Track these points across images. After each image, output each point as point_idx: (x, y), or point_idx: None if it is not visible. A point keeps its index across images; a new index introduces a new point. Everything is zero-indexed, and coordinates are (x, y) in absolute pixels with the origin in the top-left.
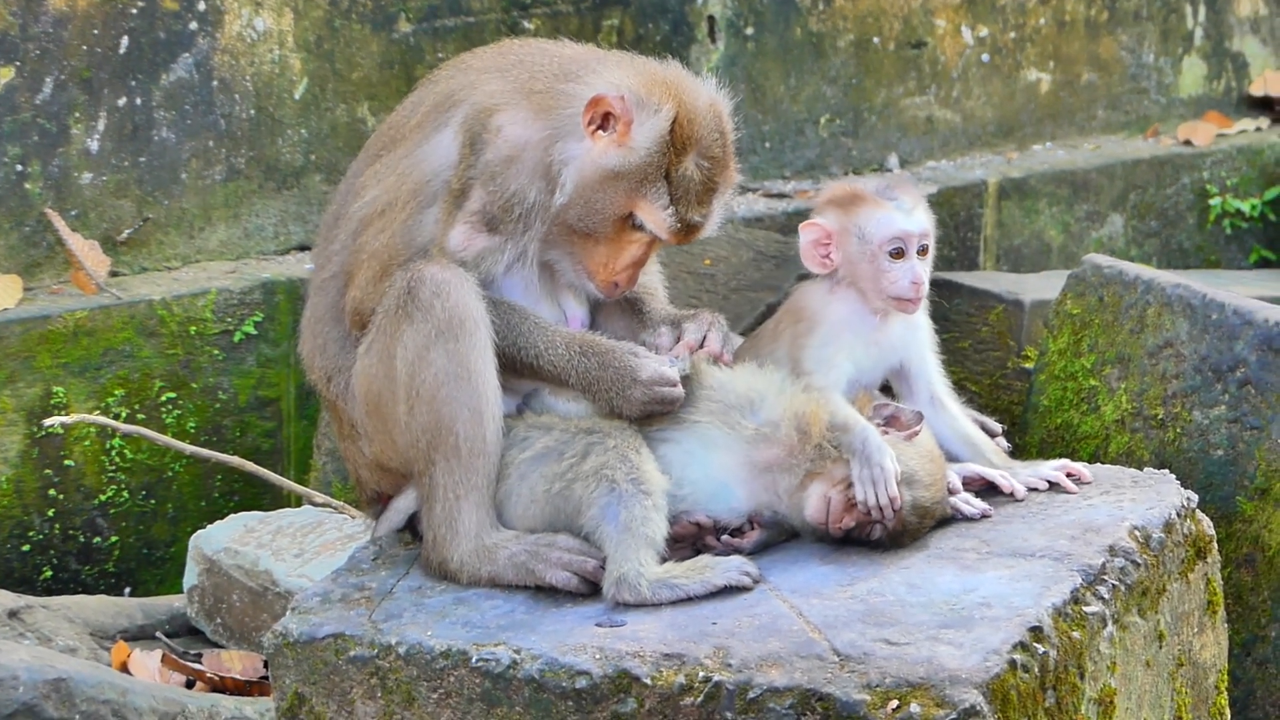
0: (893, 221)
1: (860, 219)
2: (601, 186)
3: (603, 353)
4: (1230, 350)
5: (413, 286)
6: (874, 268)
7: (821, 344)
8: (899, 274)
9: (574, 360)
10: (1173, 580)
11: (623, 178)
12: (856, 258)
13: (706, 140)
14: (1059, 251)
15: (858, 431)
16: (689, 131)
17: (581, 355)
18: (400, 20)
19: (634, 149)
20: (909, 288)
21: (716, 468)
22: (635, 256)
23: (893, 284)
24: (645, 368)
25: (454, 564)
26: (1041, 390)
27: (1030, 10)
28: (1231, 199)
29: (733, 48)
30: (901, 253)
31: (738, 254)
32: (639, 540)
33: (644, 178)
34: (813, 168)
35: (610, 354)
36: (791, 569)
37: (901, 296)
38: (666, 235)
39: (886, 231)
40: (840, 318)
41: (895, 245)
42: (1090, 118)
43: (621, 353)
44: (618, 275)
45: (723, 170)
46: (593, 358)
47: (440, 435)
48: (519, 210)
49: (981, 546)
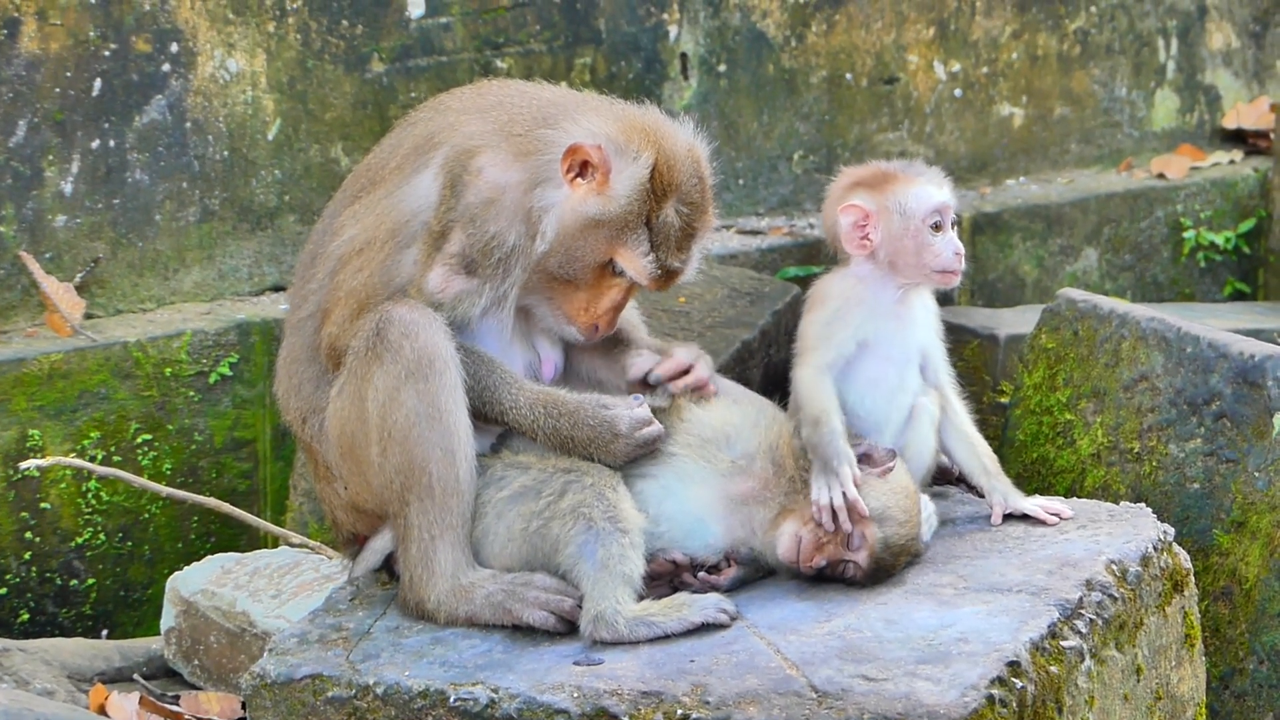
0: (931, 195)
1: (898, 196)
2: (582, 234)
3: (571, 411)
4: (1205, 383)
5: (381, 328)
6: (916, 242)
7: (827, 320)
8: (941, 246)
9: (541, 420)
10: (1150, 614)
11: (603, 226)
12: (898, 234)
13: (686, 186)
14: (1033, 286)
15: (824, 432)
16: (668, 178)
17: (549, 415)
18: (373, 60)
19: (613, 197)
20: (953, 258)
21: (693, 502)
22: (615, 301)
23: (936, 256)
24: (622, 419)
25: (431, 604)
26: (1017, 425)
27: (1002, 45)
28: (1205, 232)
29: (705, 85)
30: (940, 225)
31: (712, 291)
32: (616, 578)
33: (624, 225)
34: (786, 204)
35: (580, 412)
36: (769, 605)
37: (947, 268)
38: (647, 281)
39: (927, 205)
40: (853, 295)
41: (936, 218)
42: (1063, 152)
43: (592, 408)
44: (598, 319)
45: (702, 215)
46: (562, 418)
47: (413, 476)
48: (499, 254)
49: (958, 582)
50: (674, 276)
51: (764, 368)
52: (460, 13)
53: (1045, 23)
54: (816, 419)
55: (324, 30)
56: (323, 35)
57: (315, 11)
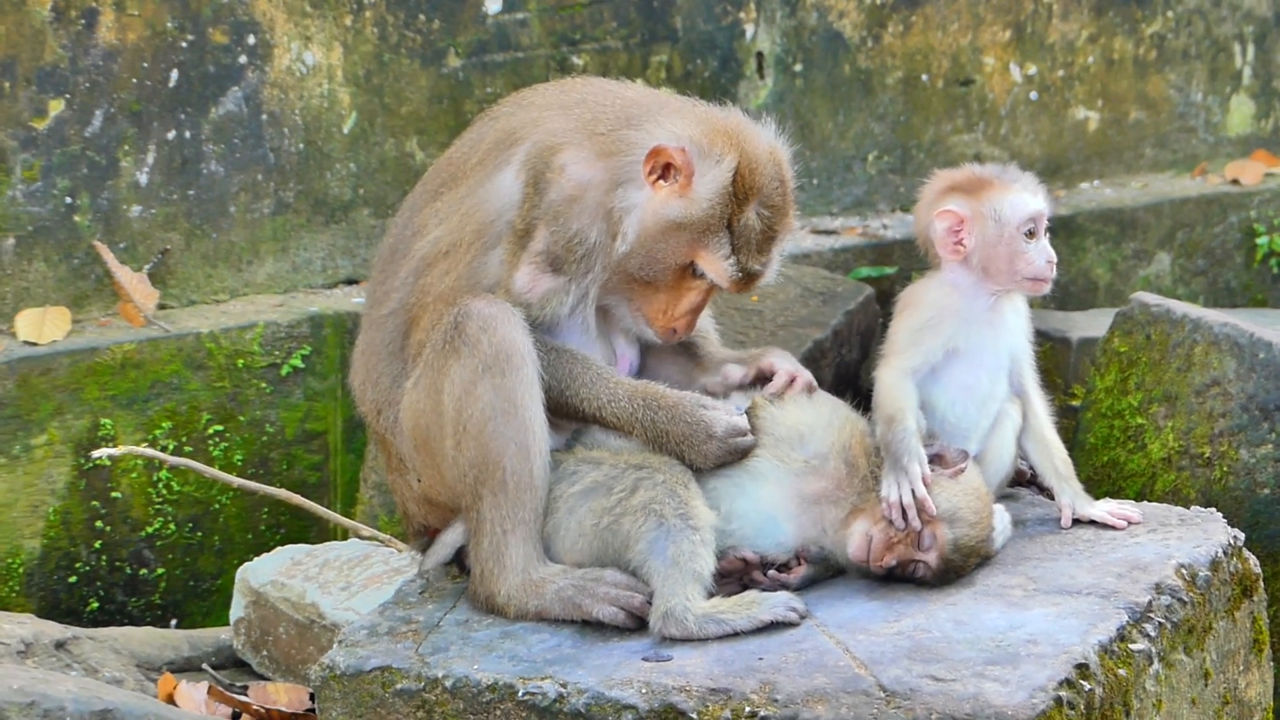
0: (1026, 202)
1: (993, 202)
2: (663, 236)
3: (670, 406)
4: (1278, 389)
5: (460, 322)
6: (1010, 249)
7: (917, 326)
8: (1035, 254)
9: (639, 413)
10: (1219, 618)
11: (685, 228)
12: (992, 241)
13: (768, 189)
14: (1106, 290)
15: (898, 430)
16: (750, 181)
17: (647, 408)
18: (449, 55)
19: (696, 200)
20: (1045, 266)
21: (765, 501)
22: (694, 303)
23: (1029, 264)
24: (719, 421)
25: (501, 598)
26: (1088, 428)
27: (1079, 49)
28: (1279, 238)
29: (781, 84)
30: (1034, 233)
31: (785, 290)
32: (686, 575)
33: (706, 228)
34: (860, 205)
35: (679, 408)
36: (838, 605)
37: (1039, 276)
38: (727, 284)
39: (1022, 212)
40: (947, 304)
41: (1030, 225)
42: (1138, 156)
43: (690, 405)
44: (676, 321)
45: (783, 218)
46: (660, 411)
47: (487, 470)
48: (581, 250)
49: (1028, 584)
50: (754, 279)
51: (836, 367)
52: (537, 9)
53: (1122, 27)
54: (891, 417)
55: (401, 24)
56: (399, 29)
57: (392, 5)
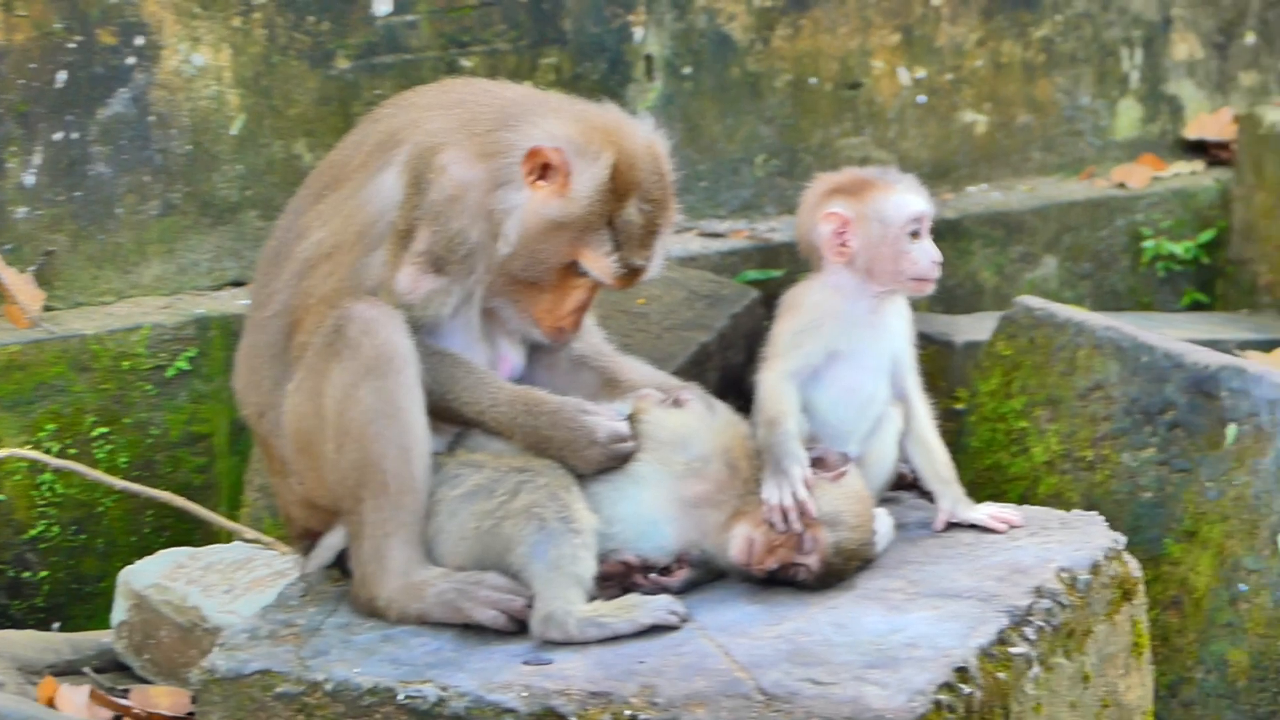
0: (910, 203)
1: (877, 203)
2: (545, 237)
3: (552, 411)
4: (1160, 393)
5: (341, 325)
6: (895, 250)
7: (799, 328)
8: (919, 254)
9: (520, 418)
10: (1099, 622)
11: (566, 227)
12: (877, 241)
13: (647, 184)
14: (992, 293)
15: (778, 433)
16: (629, 177)
17: (529, 414)
18: (338, 57)
19: (575, 199)
20: (930, 266)
21: (647, 505)
22: (580, 301)
23: (914, 264)
24: (601, 427)
25: (382, 601)
26: (972, 431)
27: (968, 52)
28: (1165, 242)
29: (670, 87)
30: (918, 233)
31: (671, 293)
32: (567, 578)
33: (586, 226)
34: (748, 207)
35: (561, 413)
36: (719, 608)
37: (924, 276)
38: (611, 281)
39: (906, 213)
40: (828, 306)
41: (914, 226)
42: (1025, 159)
43: (572, 411)
44: (563, 320)
45: (664, 211)
46: (542, 416)
47: (369, 473)
48: (463, 250)
49: (909, 587)
50: (638, 274)
51: (721, 370)
52: (426, 11)
53: (1010, 30)
54: (772, 420)
55: (290, 26)
56: (288, 31)
57: (281, 7)
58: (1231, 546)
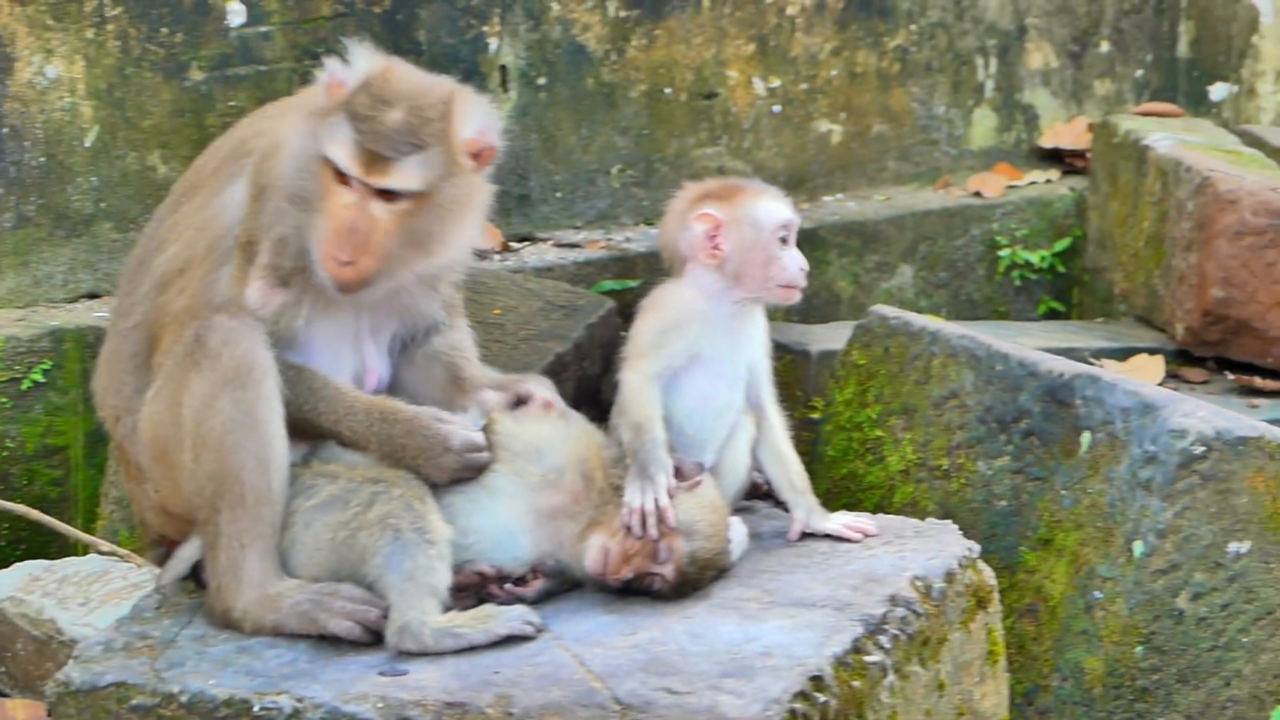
0: (780, 209)
1: (748, 208)
2: (301, 141)
3: (407, 420)
4: (1015, 401)
5: (201, 335)
6: (765, 255)
7: (663, 329)
8: (788, 260)
9: (375, 427)
10: (954, 630)
11: (312, 120)
12: (749, 245)
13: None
14: (848, 302)
15: (646, 439)
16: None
17: (383, 422)
18: (192, 68)
19: (328, 102)
20: (799, 273)
21: (502, 515)
22: (352, 220)
23: (783, 270)
24: (455, 436)
25: (237, 612)
26: (827, 441)
27: (822, 62)
28: (1021, 250)
29: (525, 97)
30: (786, 240)
31: (527, 303)
32: (422, 589)
33: (327, 114)
34: (604, 218)
35: (415, 421)
36: (575, 618)
37: (792, 283)
38: (351, 166)
39: (777, 218)
40: (692, 307)
41: (784, 232)
42: (881, 169)
43: (427, 420)
44: (340, 247)
45: (405, 109)
46: (397, 425)
47: (226, 483)
48: (294, 248)
49: (764, 596)
50: (381, 165)
51: (577, 381)
52: (280, 22)
53: (865, 40)
54: (639, 424)
55: (143, 38)
56: (142, 42)
57: (135, 19)
58: (1086, 554)
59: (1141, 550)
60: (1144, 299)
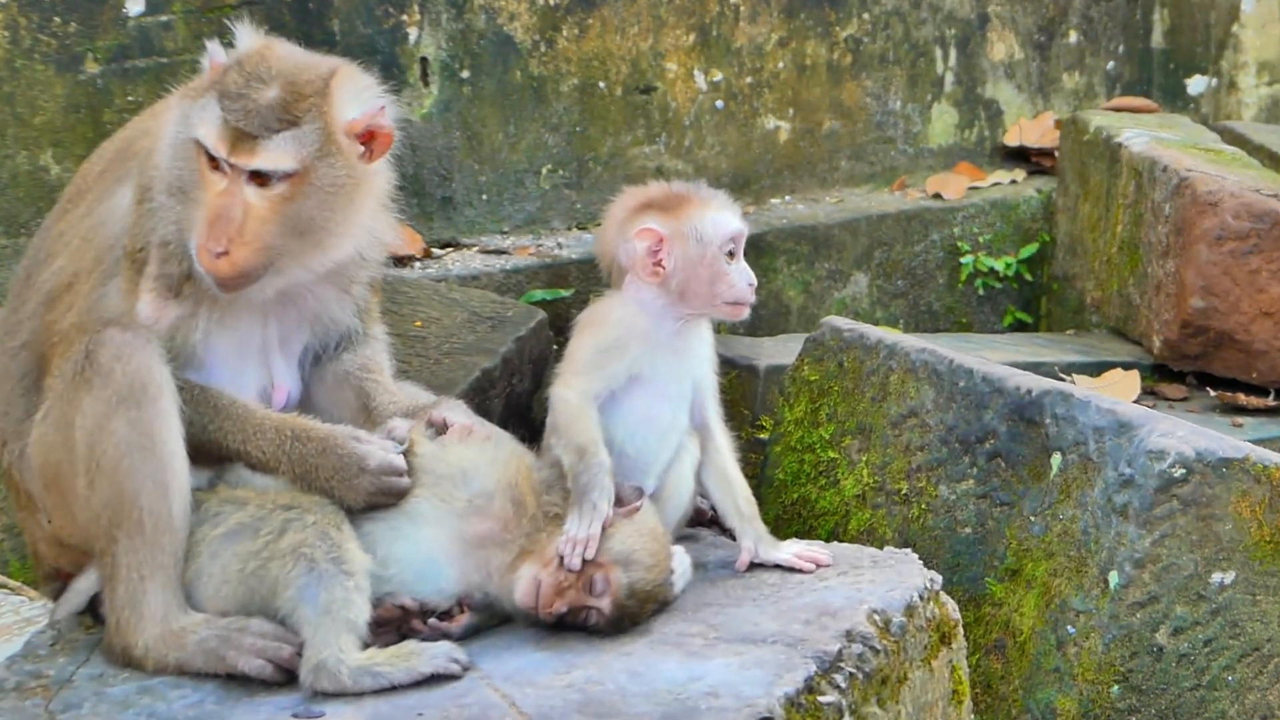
0: (727, 220)
1: (694, 220)
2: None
3: (321, 439)
4: (979, 420)
5: (92, 351)
6: (711, 271)
7: (604, 347)
8: (736, 275)
9: (287, 446)
10: (915, 668)
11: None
12: (694, 261)
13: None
14: (799, 313)
15: (591, 463)
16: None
17: (295, 441)
18: (87, 60)
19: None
20: (747, 289)
21: (425, 544)
22: (224, 206)
23: (730, 287)
24: (373, 455)
25: (139, 650)
26: (777, 463)
27: (768, 54)
28: (984, 257)
29: (448, 92)
30: (734, 253)
31: (450, 315)
32: (339, 624)
33: (195, 96)
34: (533, 222)
35: (330, 440)
36: (504, 655)
37: (740, 300)
38: (218, 146)
39: (724, 231)
40: (634, 325)
41: (731, 246)
42: (833, 169)
43: (342, 438)
44: (213, 236)
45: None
46: (310, 444)
47: (123, 510)
48: (178, 249)
49: (709, 631)
50: (247, 142)
51: (505, 398)
52: (182, 10)
53: (814, 30)
54: (582, 448)
55: (34, 27)
56: (33, 33)
57: (25, 7)
58: (1058, 586)
59: (1117, 581)
60: (1118, 309)
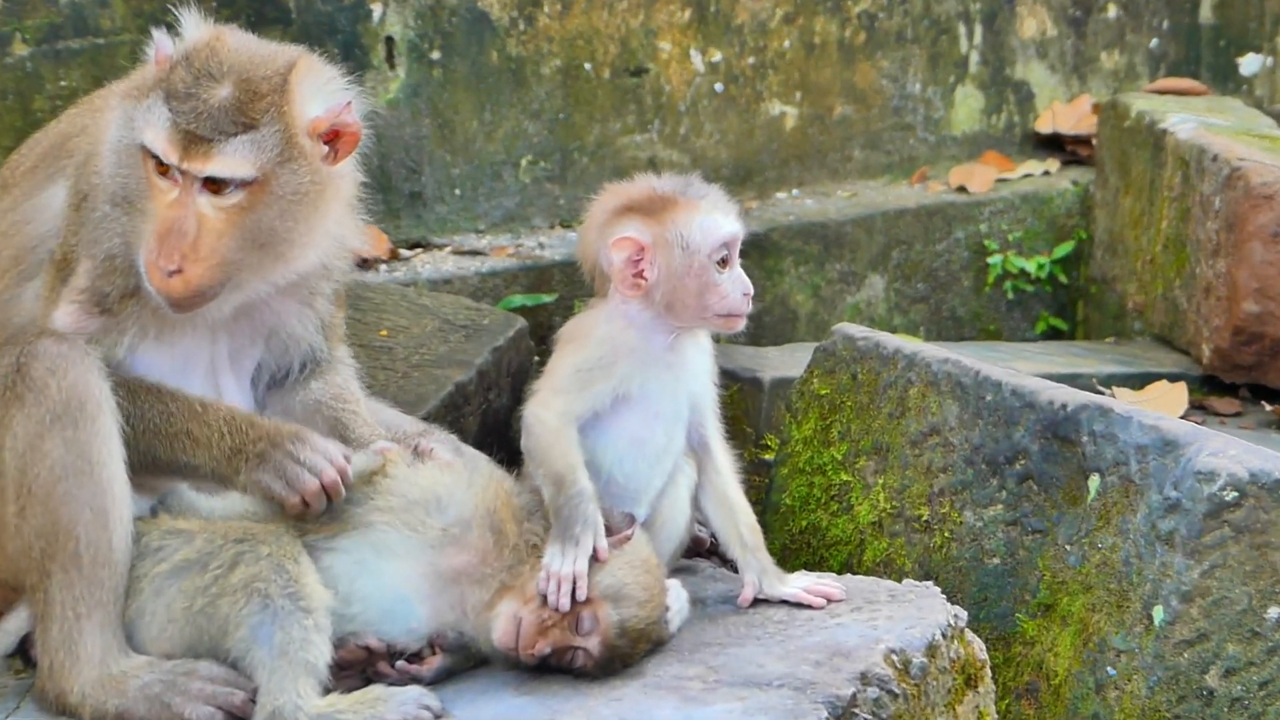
0: (718, 225)
1: (679, 226)
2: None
3: (268, 429)
4: (1008, 439)
5: (23, 364)
6: (700, 282)
7: (587, 366)
8: (729, 286)
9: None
10: (938, 714)
11: (129, 103)
12: (680, 272)
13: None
14: (808, 320)
15: (572, 494)
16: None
17: (243, 424)
18: (15, 42)
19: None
20: (741, 301)
21: (393, 579)
22: (176, 219)
23: (723, 299)
24: (313, 437)
25: (75, 696)
26: (783, 486)
27: (773, 31)
28: (1014, 257)
29: (416, 75)
30: (727, 260)
31: (420, 323)
32: (297, 667)
33: (140, 96)
34: (512, 219)
35: (276, 430)
36: (480, 701)
37: (734, 312)
38: (168, 152)
39: (714, 238)
40: (621, 342)
41: (723, 253)
42: (845, 159)
43: (290, 428)
44: (164, 253)
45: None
46: (254, 429)
47: (57, 541)
48: (120, 266)
49: (708, 674)
50: (200, 146)
51: (481, 415)
52: None
53: (824, 5)
54: (561, 477)
55: None
56: None
57: None
58: (1097, 622)
59: (1163, 617)
60: (1163, 315)
